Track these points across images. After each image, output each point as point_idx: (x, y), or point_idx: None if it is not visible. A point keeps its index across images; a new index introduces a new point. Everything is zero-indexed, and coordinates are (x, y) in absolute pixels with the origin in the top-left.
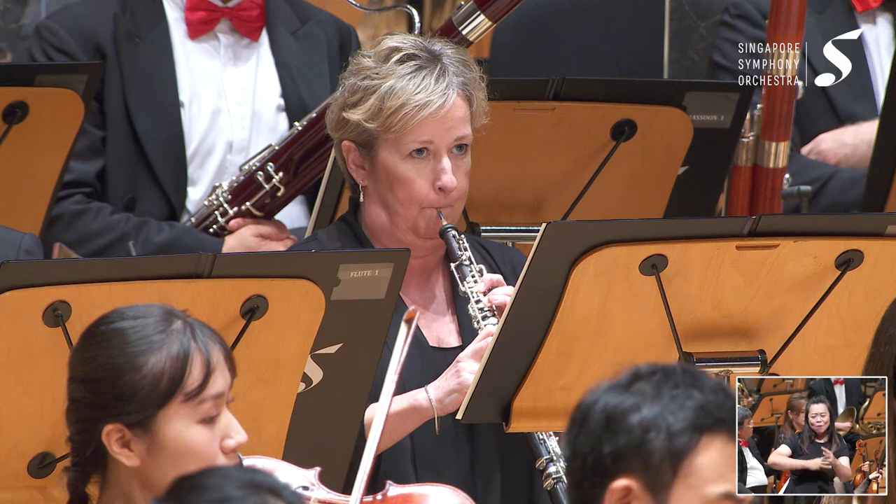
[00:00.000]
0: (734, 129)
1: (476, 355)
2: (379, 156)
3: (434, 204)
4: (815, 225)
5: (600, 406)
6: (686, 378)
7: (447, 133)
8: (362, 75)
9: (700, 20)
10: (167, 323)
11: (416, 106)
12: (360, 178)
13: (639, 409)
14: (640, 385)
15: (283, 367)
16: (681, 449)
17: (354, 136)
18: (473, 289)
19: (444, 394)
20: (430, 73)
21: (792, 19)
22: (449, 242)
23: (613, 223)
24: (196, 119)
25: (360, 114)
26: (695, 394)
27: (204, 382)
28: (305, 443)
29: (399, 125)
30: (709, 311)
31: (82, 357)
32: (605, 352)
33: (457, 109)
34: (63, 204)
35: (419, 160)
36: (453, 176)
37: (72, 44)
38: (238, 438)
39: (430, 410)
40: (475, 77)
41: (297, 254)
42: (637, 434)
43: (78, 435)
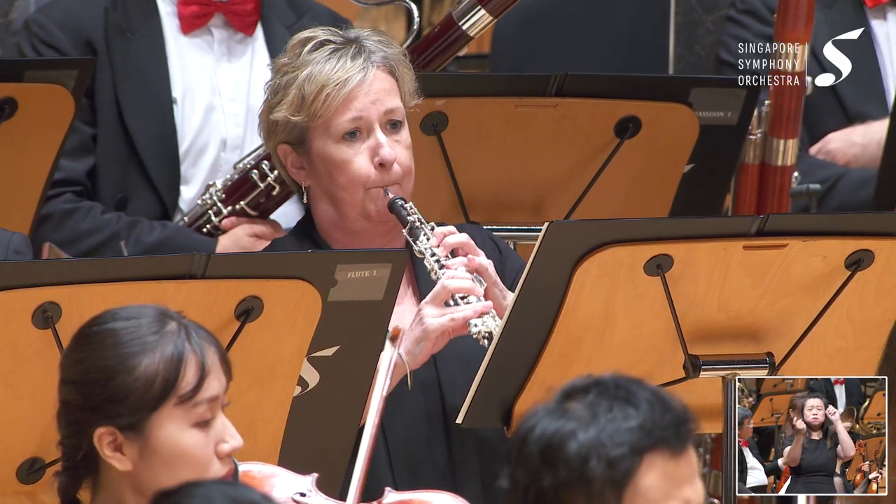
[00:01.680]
0: (741, 126)
1: (436, 300)
2: (313, 148)
3: (378, 183)
4: (824, 224)
5: (536, 435)
6: (620, 393)
7: (374, 106)
8: (280, 73)
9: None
10: (161, 324)
11: (336, 84)
12: (301, 180)
13: (575, 436)
14: (574, 407)
15: (279, 370)
16: (622, 475)
17: (286, 137)
18: (427, 245)
19: (412, 344)
20: (346, 52)
21: (800, 14)
22: (397, 212)
23: (617, 222)
24: (189, 116)
25: (284, 110)
26: (631, 412)
27: (198, 385)
28: (302, 448)
29: (323, 109)
30: (715, 313)
31: (74, 358)
32: (608, 354)
33: (380, 82)
34: (53, 203)
35: (353, 141)
36: (391, 149)
37: (62, 39)
38: (233, 443)
39: (402, 366)
40: (396, 53)
41: (293, 254)
42: (576, 465)
43: (69, 438)
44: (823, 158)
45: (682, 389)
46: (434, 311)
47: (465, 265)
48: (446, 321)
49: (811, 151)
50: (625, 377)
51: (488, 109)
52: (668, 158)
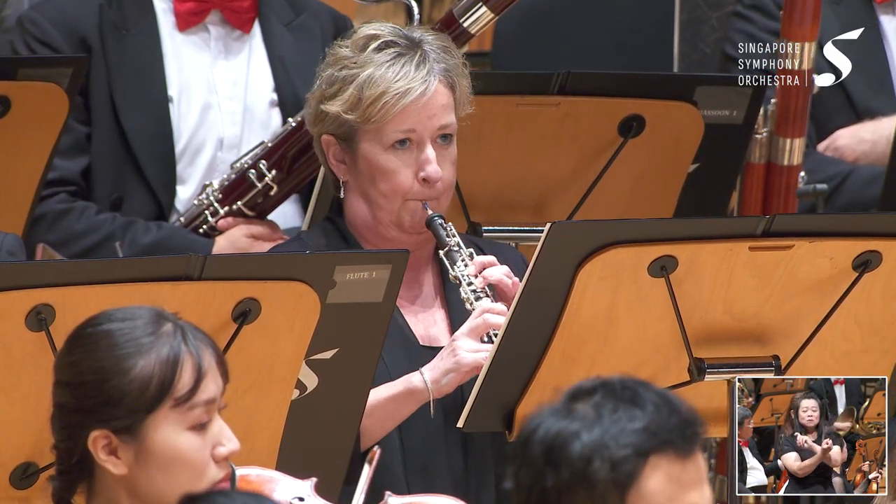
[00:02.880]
0: (747, 125)
1: (472, 333)
2: (360, 148)
3: (418, 196)
4: (831, 225)
5: (539, 435)
6: (626, 395)
7: (430, 121)
8: (339, 65)
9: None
10: (157, 325)
11: (396, 94)
12: (341, 174)
13: (579, 436)
14: (580, 407)
15: (277, 373)
16: (626, 477)
17: (334, 129)
18: (464, 272)
19: (440, 374)
20: (410, 59)
21: (808, 10)
22: (436, 230)
23: (621, 223)
24: (185, 115)
25: (338, 105)
26: (637, 413)
27: (195, 387)
28: (300, 452)
29: (379, 115)
30: (720, 315)
31: (68, 360)
32: (612, 357)
33: (439, 97)
34: (46, 203)
35: (402, 151)
36: (438, 166)
37: (56, 36)
38: (230, 446)
39: (425, 393)
40: (457, 63)
41: (292, 255)
42: (579, 466)
43: (63, 442)
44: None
45: (687, 393)
46: (470, 344)
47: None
48: (480, 358)
49: (819, 148)
50: (632, 379)
51: (490, 108)
52: (673, 158)
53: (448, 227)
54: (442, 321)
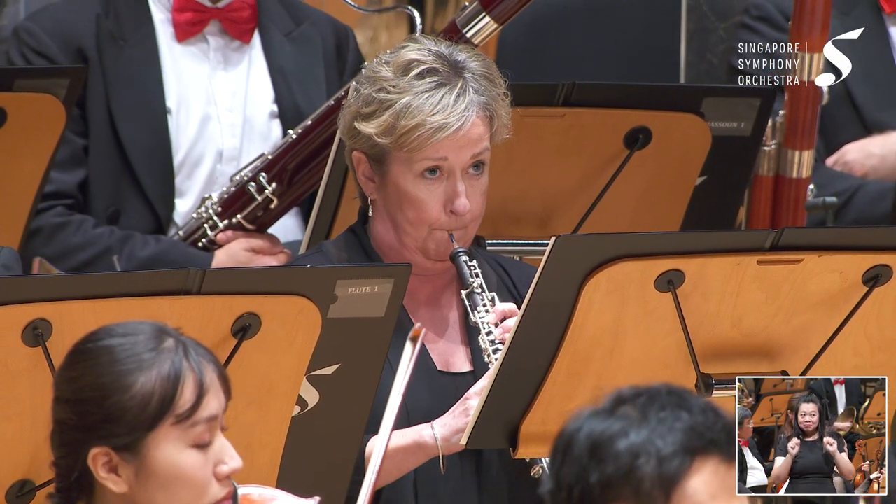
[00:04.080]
0: (755, 137)
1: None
2: (390, 172)
3: (445, 226)
4: (841, 238)
5: (585, 433)
6: (673, 399)
7: (461, 151)
8: (378, 86)
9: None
10: (158, 341)
11: (431, 128)
12: (369, 192)
13: (626, 434)
14: (625, 409)
15: (277, 389)
16: (672, 474)
17: (366, 149)
18: (484, 319)
19: (451, 433)
20: (450, 91)
21: (816, 21)
22: (460, 268)
23: (627, 236)
24: (184, 126)
25: (372, 127)
26: (683, 415)
27: (196, 404)
28: (301, 470)
29: (413, 145)
30: (728, 330)
31: (68, 376)
32: (618, 373)
33: (476, 129)
34: (43, 216)
35: (431, 180)
36: (467, 200)
37: (52, 46)
38: (232, 464)
39: (435, 449)
40: (498, 94)
41: (292, 269)
42: (625, 461)
43: (62, 459)
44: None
45: None
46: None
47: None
48: None
49: (828, 163)
50: (677, 386)
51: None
52: (680, 170)
53: (472, 265)
54: (462, 347)
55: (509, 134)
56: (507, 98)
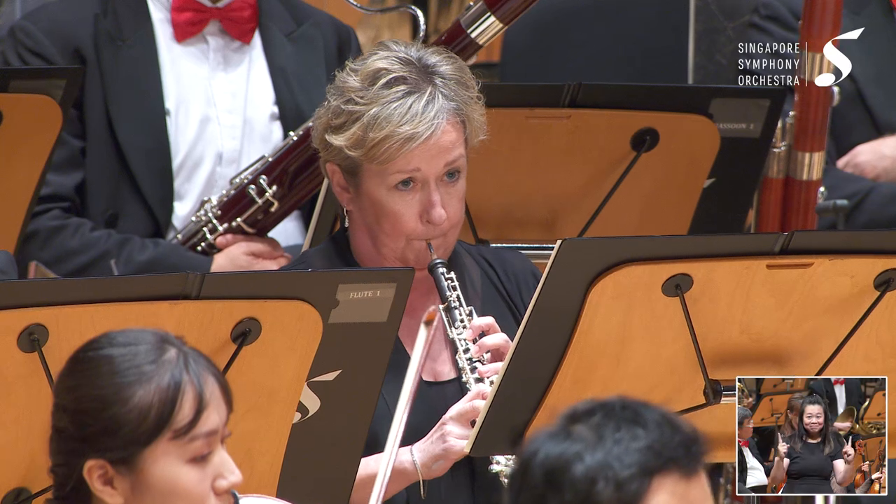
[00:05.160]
0: (764, 139)
1: (462, 418)
2: (364, 184)
3: (423, 236)
4: (852, 242)
5: (540, 459)
6: (627, 414)
7: (434, 160)
8: (346, 97)
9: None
10: (160, 352)
11: (400, 138)
12: (345, 202)
13: (581, 458)
14: (580, 429)
15: (278, 396)
16: (631, 497)
17: (339, 161)
18: (462, 335)
19: (430, 459)
20: (419, 99)
21: (827, 20)
22: (438, 281)
23: (634, 240)
24: (183, 128)
25: (342, 140)
26: (639, 433)
27: (195, 418)
28: (301, 478)
29: (383, 157)
30: (737, 336)
31: (67, 384)
32: (625, 379)
33: (447, 135)
34: (39, 219)
35: (405, 192)
36: (443, 209)
37: (49, 46)
38: (232, 479)
39: (415, 475)
40: (471, 97)
41: (293, 273)
42: (583, 487)
43: (59, 467)
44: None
45: (703, 416)
46: (459, 430)
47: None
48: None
49: (839, 164)
50: (631, 399)
51: (498, 121)
52: (688, 173)
53: (450, 278)
54: (447, 352)
55: (485, 135)
56: (481, 101)
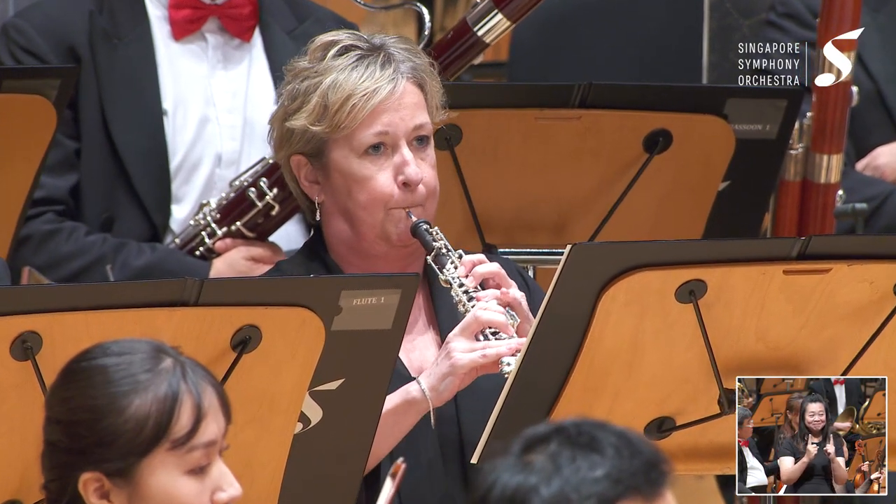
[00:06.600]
0: (781, 140)
1: (465, 332)
2: (331, 161)
3: (400, 203)
4: (871, 247)
5: (497, 493)
6: (583, 440)
7: (402, 122)
8: (300, 77)
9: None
10: (156, 361)
11: (363, 95)
12: (314, 195)
13: (537, 491)
14: (536, 458)
15: (279, 406)
16: None
17: (302, 147)
18: (454, 274)
19: (438, 380)
20: (374, 60)
21: (846, 18)
22: (421, 236)
23: (646, 245)
24: (181, 129)
25: (303, 118)
26: (596, 460)
27: (193, 430)
28: (303, 491)
29: (348, 120)
30: (753, 343)
31: (60, 396)
32: (637, 388)
33: (409, 96)
34: (33, 223)
35: (377, 157)
36: (418, 167)
37: (42, 45)
38: (231, 492)
39: (424, 402)
40: (425, 64)
41: (294, 279)
42: None
43: (53, 482)
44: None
45: (717, 427)
46: (464, 344)
47: (497, 298)
48: (477, 357)
49: (858, 167)
50: (587, 421)
51: (506, 122)
52: (702, 175)
53: (434, 231)
54: (433, 345)
55: (445, 115)
56: (435, 69)
